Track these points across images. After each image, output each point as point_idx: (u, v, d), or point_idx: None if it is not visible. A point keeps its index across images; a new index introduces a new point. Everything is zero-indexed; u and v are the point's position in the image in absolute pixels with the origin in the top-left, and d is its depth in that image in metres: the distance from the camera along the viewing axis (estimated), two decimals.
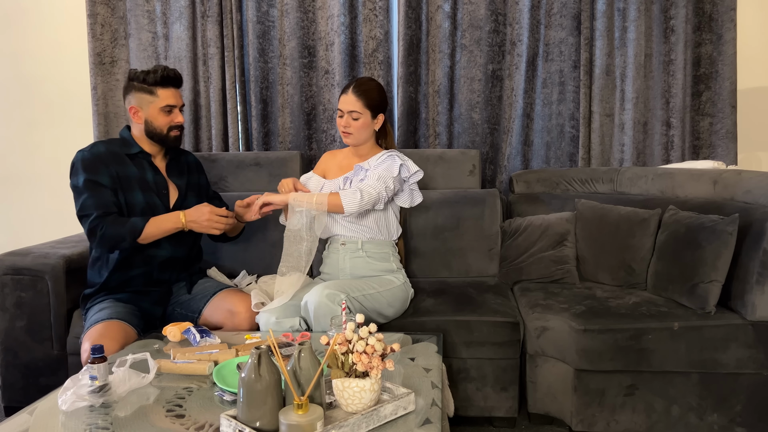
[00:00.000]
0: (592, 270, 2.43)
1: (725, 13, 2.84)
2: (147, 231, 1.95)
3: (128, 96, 2.05)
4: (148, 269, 2.07)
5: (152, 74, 2.01)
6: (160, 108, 2.02)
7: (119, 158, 2.03)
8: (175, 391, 1.50)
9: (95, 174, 1.96)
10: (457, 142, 3.05)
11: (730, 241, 2.01)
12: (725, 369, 1.97)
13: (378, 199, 2.04)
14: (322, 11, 2.98)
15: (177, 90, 2.08)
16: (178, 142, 2.11)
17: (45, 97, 3.21)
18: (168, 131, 2.06)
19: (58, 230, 3.21)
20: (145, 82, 2.02)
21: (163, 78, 2.02)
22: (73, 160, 1.99)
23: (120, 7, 3.05)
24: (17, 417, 1.38)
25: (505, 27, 2.96)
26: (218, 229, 2.00)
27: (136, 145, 2.07)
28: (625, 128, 2.94)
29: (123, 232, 1.92)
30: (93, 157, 1.98)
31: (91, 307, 2.03)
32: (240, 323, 2.04)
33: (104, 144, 2.04)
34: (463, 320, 2.09)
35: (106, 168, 1.98)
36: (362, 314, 1.42)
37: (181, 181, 2.16)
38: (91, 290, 2.08)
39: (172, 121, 2.05)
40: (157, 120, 2.03)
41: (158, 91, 2.02)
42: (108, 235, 1.91)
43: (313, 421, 1.15)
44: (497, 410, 2.12)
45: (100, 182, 1.96)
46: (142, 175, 2.05)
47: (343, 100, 2.12)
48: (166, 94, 2.03)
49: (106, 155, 2.01)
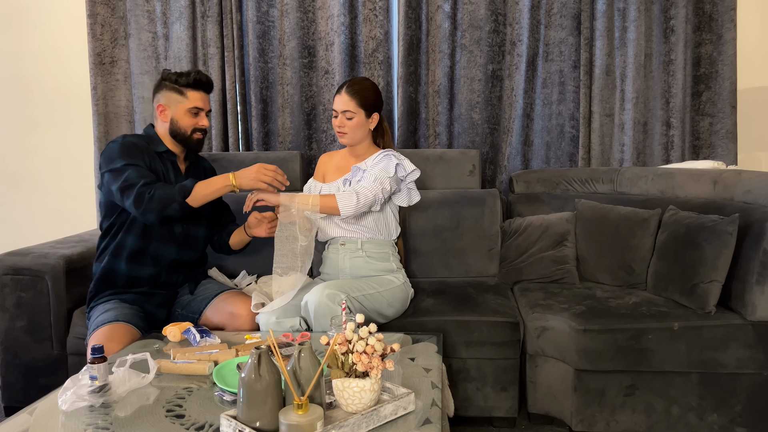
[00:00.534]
0: (592, 270, 2.43)
1: (725, 13, 2.84)
2: (197, 190, 1.94)
3: (158, 94, 2.07)
4: (157, 270, 2.08)
5: (185, 76, 2.04)
6: (188, 109, 2.05)
7: (149, 152, 2.05)
8: (175, 391, 1.49)
9: (133, 158, 1.97)
10: (457, 142, 3.05)
11: (730, 241, 2.01)
12: (725, 369, 1.97)
13: (374, 201, 2.04)
14: (322, 11, 2.98)
15: (206, 95, 2.10)
16: (200, 145, 2.13)
17: (45, 97, 3.21)
18: (192, 133, 2.07)
19: (58, 230, 3.21)
20: (176, 83, 2.04)
21: (195, 81, 2.05)
22: (106, 150, 1.99)
23: (120, 7, 3.05)
24: (17, 417, 1.38)
25: (505, 27, 2.96)
26: (265, 182, 1.96)
27: (162, 144, 2.09)
28: (625, 128, 2.94)
29: (173, 192, 1.92)
30: (129, 144, 2.00)
31: (95, 306, 2.03)
32: (241, 325, 2.05)
33: (134, 137, 2.05)
34: (463, 320, 2.09)
35: (141, 155, 2.00)
36: (362, 314, 1.42)
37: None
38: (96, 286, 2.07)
39: (197, 124, 2.07)
40: (182, 120, 2.05)
41: (188, 93, 2.05)
42: (158, 197, 1.89)
43: (313, 421, 1.15)
44: (497, 410, 2.12)
45: (138, 164, 1.97)
46: (166, 173, 2.08)
47: (337, 100, 2.13)
48: (196, 97, 2.06)
49: (140, 146, 2.03)
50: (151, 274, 2.07)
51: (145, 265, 2.06)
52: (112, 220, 2.05)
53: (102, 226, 2.09)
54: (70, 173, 3.24)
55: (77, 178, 3.24)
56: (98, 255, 2.10)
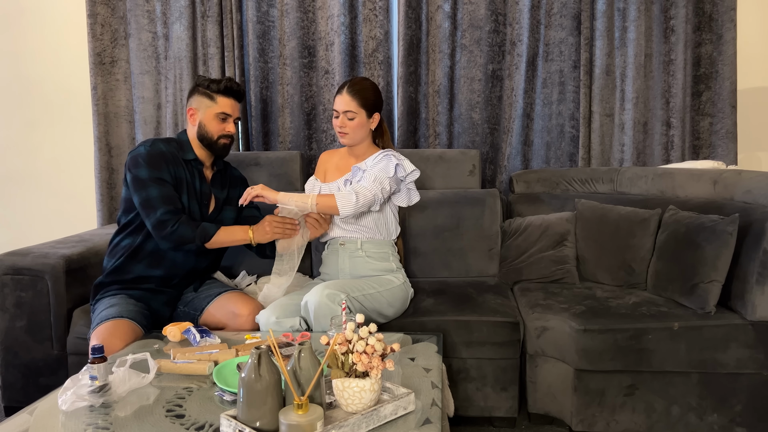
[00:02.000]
0: (592, 270, 2.43)
1: (725, 13, 2.84)
2: (217, 237, 2.01)
3: (191, 99, 2.12)
4: (171, 273, 2.10)
5: (216, 83, 2.09)
6: (216, 114, 2.08)
7: (176, 160, 2.07)
8: (175, 391, 1.50)
9: (158, 170, 1.99)
10: (457, 142, 3.05)
11: (730, 241, 2.01)
12: (725, 369, 1.97)
13: (374, 201, 2.04)
14: (322, 11, 2.98)
15: (237, 102, 2.14)
16: (226, 151, 2.15)
17: (45, 97, 3.21)
18: (218, 138, 2.10)
19: (58, 230, 3.21)
20: (208, 89, 2.09)
21: (226, 88, 2.09)
22: (134, 153, 2.01)
23: (120, 7, 3.05)
24: (17, 417, 1.38)
25: (505, 27, 2.96)
26: (280, 234, 2.04)
27: (191, 151, 2.11)
28: (625, 128, 2.94)
29: (193, 234, 1.97)
30: (156, 153, 2.02)
31: (101, 299, 2.04)
32: (242, 326, 2.05)
33: (164, 143, 2.07)
34: (463, 320, 2.09)
35: (167, 166, 2.02)
36: (362, 314, 1.42)
37: (222, 193, 2.20)
38: (105, 279, 2.08)
39: (224, 129, 2.10)
40: (210, 125, 2.09)
41: (218, 99, 2.08)
42: (179, 234, 1.95)
43: (313, 421, 1.15)
44: (497, 410, 2.12)
45: (163, 178, 1.99)
46: (191, 182, 2.09)
47: (338, 101, 2.12)
48: (225, 103, 2.09)
49: (167, 155, 2.04)
50: (163, 275, 2.09)
51: (160, 267, 2.08)
52: (131, 218, 2.06)
53: (120, 221, 2.10)
54: (70, 173, 3.24)
55: (77, 178, 3.24)
56: (111, 249, 2.11)
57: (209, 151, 2.14)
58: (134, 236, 2.06)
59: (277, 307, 2.00)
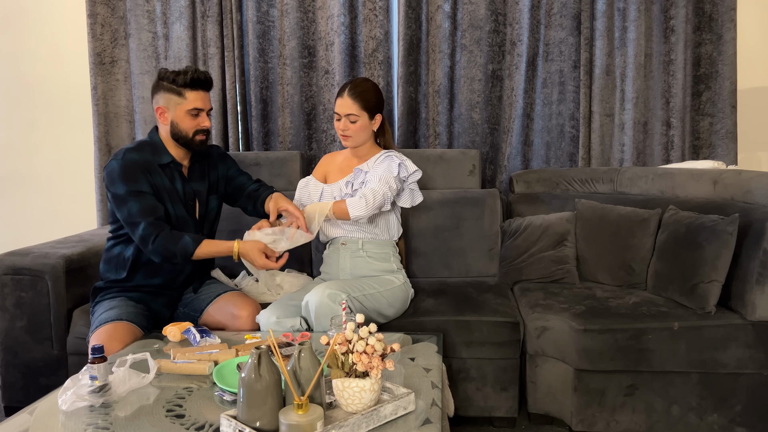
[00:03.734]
0: (592, 270, 2.43)
1: (725, 13, 2.84)
2: (199, 251, 1.92)
3: (156, 95, 1.98)
4: (170, 279, 2.09)
5: (182, 75, 1.93)
6: (187, 111, 1.95)
7: (152, 168, 1.97)
8: (175, 391, 1.50)
9: (135, 182, 1.91)
10: (457, 142, 3.05)
11: (730, 241, 2.01)
12: (725, 369, 1.97)
13: (384, 201, 2.04)
14: (322, 11, 2.98)
15: (206, 93, 1.99)
16: (204, 147, 2.04)
17: (45, 97, 3.21)
18: (193, 135, 1.98)
19: (58, 230, 3.21)
20: (174, 83, 1.94)
21: (193, 80, 1.94)
22: (108, 169, 1.93)
23: (120, 7, 3.05)
24: (17, 417, 1.38)
25: (505, 27, 2.96)
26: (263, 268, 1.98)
27: (167, 154, 2.01)
28: (625, 128, 2.94)
29: (175, 250, 1.90)
30: (130, 165, 1.92)
31: (100, 302, 2.03)
32: (242, 326, 2.05)
33: (136, 152, 1.96)
34: (463, 320, 2.09)
35: (143, 175, 1.94)
36: (362, 314, 1.42)
37: (203, 185, 2.12)
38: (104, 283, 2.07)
39: (198, 125, 1.98)
40: (183, 123, 1.96)
41: (186, 93, 1.94)
42: (162, 248, 1.89)
43: (313, 421, 1.15)
44: (497, 410, 2.12)
45: (141, 190, 1.91)
46: (172, 186, 2.01)
47: (340, 104, 2.10)
48: (194, 97, 1.95)
49: (141, 163, 1.95)
50: (161, 283, 2.08)
51: (158, 276, 2.06)
52: (117, 227, 2.03)
53: (109, 230, 2.08)
54: (70, 173, 3.24)
55: (77, 178, 3.24)
56: (107, 257, 2.07)
57: (186, 149, 2.03)
58: (125, 245, 2.03)
59: (277, 307, 2.00)
